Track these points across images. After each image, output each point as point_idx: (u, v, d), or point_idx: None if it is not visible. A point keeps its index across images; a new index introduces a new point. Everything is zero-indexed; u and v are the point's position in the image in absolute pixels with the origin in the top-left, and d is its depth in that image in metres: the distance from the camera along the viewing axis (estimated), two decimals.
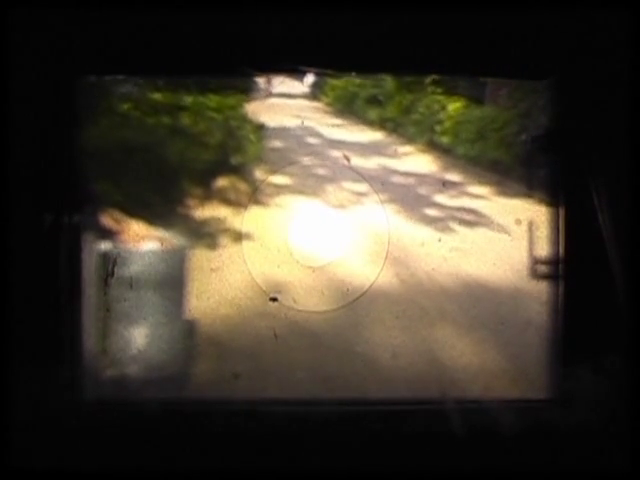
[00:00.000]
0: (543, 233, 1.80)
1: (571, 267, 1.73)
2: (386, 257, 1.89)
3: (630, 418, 1.53)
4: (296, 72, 1.79)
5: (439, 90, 2.28)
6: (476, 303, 1.95)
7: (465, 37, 1.65)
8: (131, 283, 1.84)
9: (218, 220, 1.98)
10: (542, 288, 1.80)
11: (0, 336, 1.52)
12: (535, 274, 1.83)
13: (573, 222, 1.71)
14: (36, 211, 1.65)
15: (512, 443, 1.62)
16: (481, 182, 2.19)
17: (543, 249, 1.80)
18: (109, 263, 1.82)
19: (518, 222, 1.89)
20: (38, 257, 1.64)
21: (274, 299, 1.82)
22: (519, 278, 1.86)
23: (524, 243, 1.86)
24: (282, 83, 2.00)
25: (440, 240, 1.97)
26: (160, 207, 1.97)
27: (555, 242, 1.76)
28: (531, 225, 1.86)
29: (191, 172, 2.04)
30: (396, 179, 2.18)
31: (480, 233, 2.02)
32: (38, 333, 1.63)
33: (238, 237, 1.92)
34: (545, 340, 1.78)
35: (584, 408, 1.64)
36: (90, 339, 1.77)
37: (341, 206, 2.01)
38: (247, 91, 2.11)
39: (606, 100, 1.62)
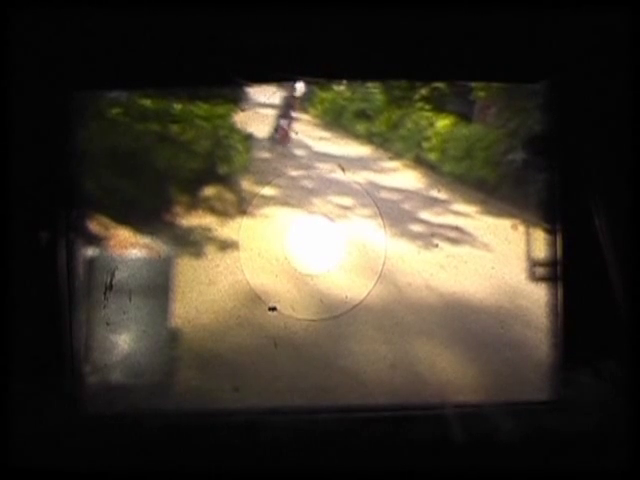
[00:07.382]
0: (540, 236, 1.80)
1: (569, 270, 1.72)
2: (383, 265, 1.87)
3: (629, 419, 1.53)
4: (287, 81, 1.78)
5: (428, 106, 2.28)
6: (474, 308, 1.94)
7: (458, 41, 1.63)
8: (130, 296, 1.80)
9: (212, 230, 1.95)
10: (540, 291, 1.79)
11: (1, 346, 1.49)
12: (533, 277, 1.82)
13: (571, 225, 1.71)
14: (33, 225, 1.62)
15: (513, 446, 1.61)
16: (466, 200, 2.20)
17: (541, 251, 1.80)
18: (107, 276, 1.78)
19: (515, 227, 1.89)
20: (36, 270, 1.61)
21: (273, 308, 1.80)
22: (517, 282, 1.86)
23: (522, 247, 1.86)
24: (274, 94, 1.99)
25: (437, 246, 1.97)
26: (155, 215, 1.94)
27: (553, 245, 1.75)
28: (528, 228, 1.85)
29: (179, 180, 2.01)
30: (383, 194, 2.18)
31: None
32: (37, 343, 1.60)
33: (234, 247, 1.89)
34: (545, 343, 1.77)
35: (584, 410, 1.63)
36: (89, 350, 1.74)
37: (333, 217, 2.00)
38: (236, 101, 2.09)
39: (604, 102, 1.61)
